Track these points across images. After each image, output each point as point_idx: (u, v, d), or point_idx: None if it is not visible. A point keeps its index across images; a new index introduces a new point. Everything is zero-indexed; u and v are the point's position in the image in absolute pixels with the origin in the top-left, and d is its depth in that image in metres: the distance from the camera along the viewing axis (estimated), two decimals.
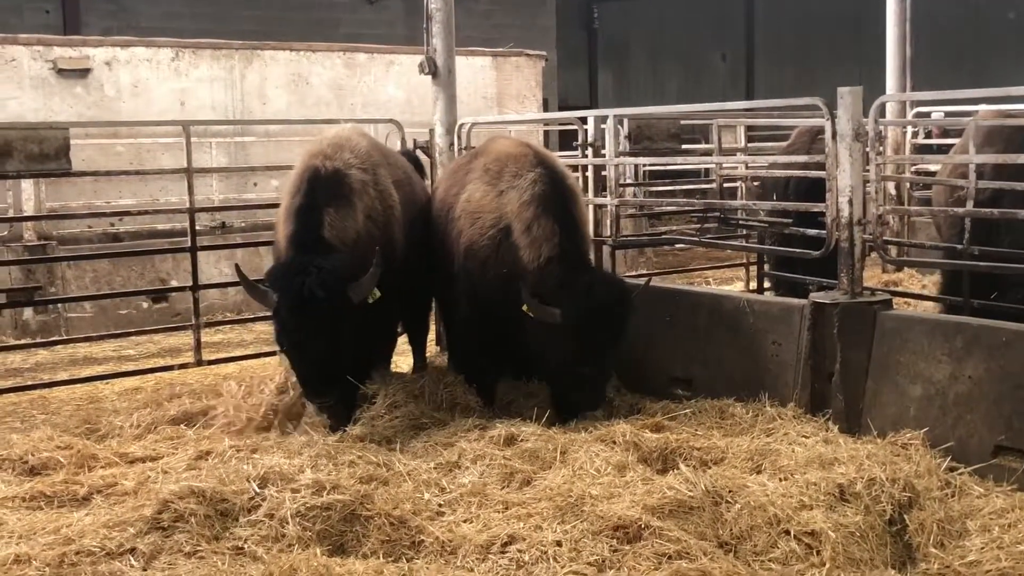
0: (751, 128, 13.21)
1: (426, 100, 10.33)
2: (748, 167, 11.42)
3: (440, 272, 8.10)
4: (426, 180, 9.59)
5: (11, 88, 13.24)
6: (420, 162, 9.79)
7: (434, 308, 9.31)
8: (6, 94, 13.20)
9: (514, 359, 7.85)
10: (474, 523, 5.49)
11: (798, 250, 8.33)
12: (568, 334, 6.92)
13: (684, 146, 11.61)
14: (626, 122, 9.93)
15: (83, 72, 13.73)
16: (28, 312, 11.89)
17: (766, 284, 11.78)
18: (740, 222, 11.20)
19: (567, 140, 15.55)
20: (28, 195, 12.14)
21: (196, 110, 14.37)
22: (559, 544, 5.11)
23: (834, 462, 5.95)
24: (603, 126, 9.67)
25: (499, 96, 17.43)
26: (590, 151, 9.80)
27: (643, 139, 9.95)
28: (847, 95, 6.99)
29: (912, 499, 5.63)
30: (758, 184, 11.54)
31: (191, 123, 10.36)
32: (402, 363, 9.16)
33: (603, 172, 9.79)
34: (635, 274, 12.75)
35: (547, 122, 18.00)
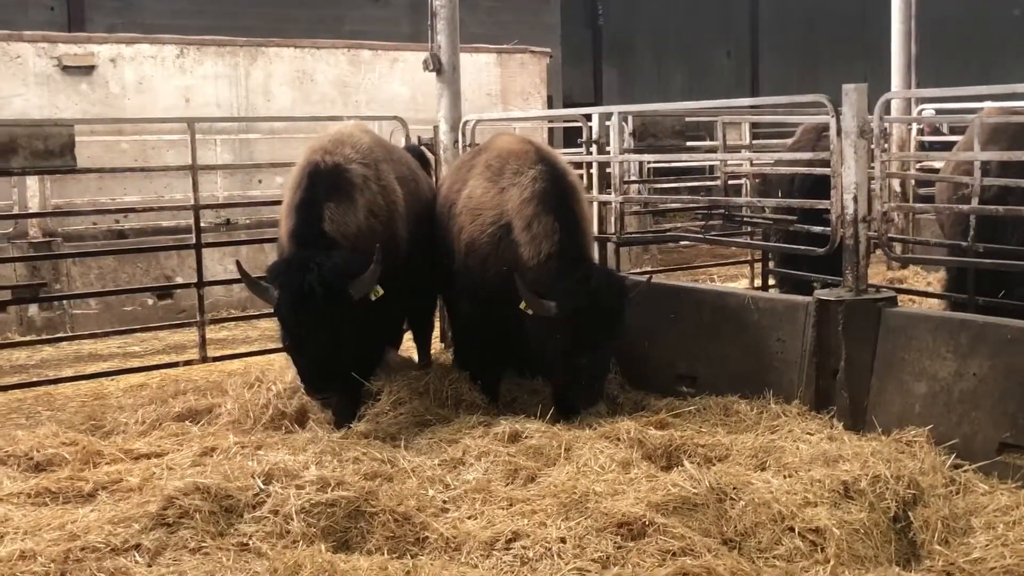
0: (756, 125, 13.18)
1: (431, 97, 10.33)
2: (753, 164, 11.41)
3: (443, 268, 8.10)
4: (432, 177, 9.60)
5: (16, 85, 13.28)
6: (426, 158, 9.78)
7: (439, 305, 9.31)
8: (11, 91, 13.24)
9: (517, 356, 7.84)
10: (478, 520, 5.49)
11: (803, 247, 8.33)
12: (564, 326, 6.91)
13: (689, 143, 11.56)
14: (630, 119, 9.90)
15: (88, 69, 13.76)
16: (33, 309, 11.90)
17: (771, 281, 11.79)
18: (745, 219, 11.18)
19: (571, 137, 15.54)
20: (33, 192, 12.16)
21: (201, 107, 14.39)
22: (563, 541, 5.12)
23: (838, 459, 5.96)
24: (607, 123, 9.66)
25: (503, 93, 17.43)
26: (594, 148, 9.79)
27: (648, 136, 9.92)
28: (852, 92, 6.98)
29: (916, 496, 5.63)
30: (759, 181, 11.52)
31: (196, 120, 10.38)
32: None
33: (607, 169, 9.77)
34: (639, 271, 12.73)
35: (551, 119, 18.00)
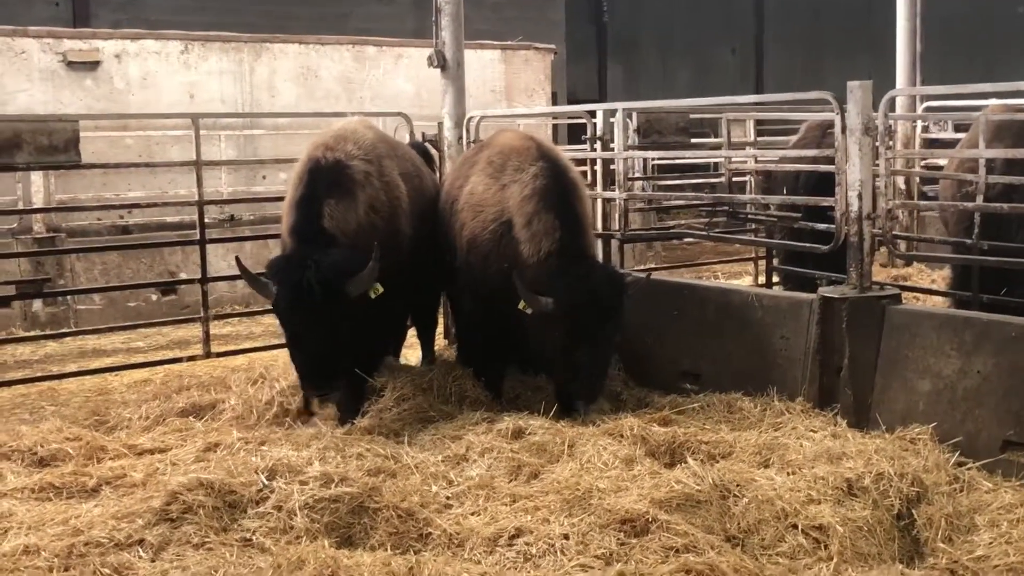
0: (760, 122, 13.17)
1: (435, 93, 10.32)
2: (757, 161, 11.40)
3: (445, 265, 8.10)
4: (437, 173, 9.59)
5: (21, 80, 13.30)
6: (431, 155, 9.76)
7: (443, 301, 9.31)
8: (16, 86, 13.25)
9: (519, 353, 7.83)
10: (482, 516, 5.49)
11: (807, 244, 8.31)
12: (562, 323, 6.91)
13: (693, 140, 11.56)
14: (635, 116, 9.88)
15: (93, 65, 13.78)
16: (37, 304, 11.92)
17: (775, 278, 11.77)
18: (749, 216, 11.17)
19: (576, 134, 15.52)
20: (37, 187, 12.17)
21: (205, 103, 14.41)
22: (566, 537, 5.12)
23: (842, 456, 5.96)
24: (612, 120, 9.64)
25: (508, 89, 17.43)
26: (599, 145, 9.77)
27: (652, 133, 9.90)
28: (857, 89, 6.97)
29: (920, 494, 5.63)
30: (761, 178, 11.50)
31: (200, 116, 10.37)
32: (411, 356, 9.18)
33: (612, 166, 9.75)
34: (643, 268, 12.73)
35: (556, 115, 17.97)
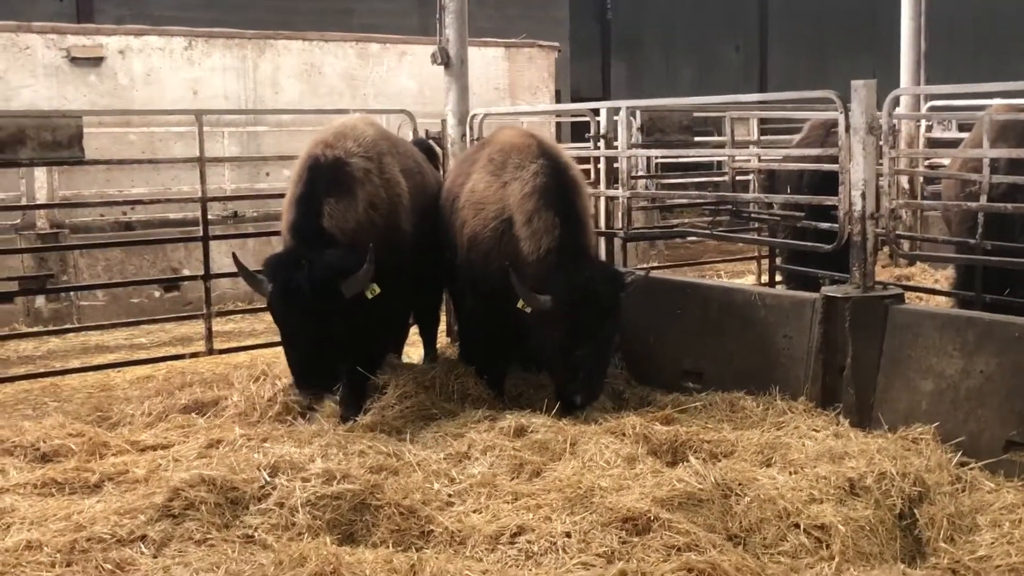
0: (764, 121, 13.14)
1: (439, 91, 10.31)
2: (761, 160, 11.38)
3: (447, 262, 8.10)
4: (440, 170, 9.58)
5: (25, 76, 13.28)
6: (434, 152, 9.75)
7: (445, 299, 9.31)
8: (20, 82, 13.24)
9: (521, 350, 7.84)
10: (483, 513, 5.49)
11: (810, 243, 8.31)
12: (560, 320, 6.91)
13: (696, 138, 11.55)
14: (638, 114, 9.87)
15: (96, 61, 13.76)
16: (40, 300, 11.93)
17: (778, 277, 11.76)
18: (752, 215, 11.16)
19: (579, 132, 15.49)
20: (41, 183, 12.17)
21: (209, 99, 14.38)
22: (568, 535, 5.12)
23: (844, 456, 5.96)
24: (615, 118, 9.63)
25: (511, 87, 17.40)
26: (602, 143, 9.76)
27: (655, 131, 9.90)
28: (861, 88, 6.96)
29: (922, 494, 5.63)
30: (764, 176, 11.49)
31: (204, 112, 10.37)
32: (413, 354, 9.18)
33: (615, 164, 9.74)
34: (645, 267, 12.72)
35: (559, 113, 17.96)
